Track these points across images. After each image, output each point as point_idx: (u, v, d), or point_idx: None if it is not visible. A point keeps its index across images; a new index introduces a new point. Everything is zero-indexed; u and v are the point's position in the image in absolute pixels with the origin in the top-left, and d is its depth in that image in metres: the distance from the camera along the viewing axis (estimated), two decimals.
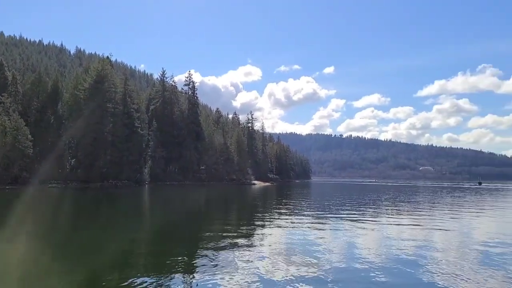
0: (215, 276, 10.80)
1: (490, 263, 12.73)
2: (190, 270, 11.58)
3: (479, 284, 10.26)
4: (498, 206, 41.29)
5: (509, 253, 14.56)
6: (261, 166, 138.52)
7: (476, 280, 10.62)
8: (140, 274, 10.92)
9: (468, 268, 12.05)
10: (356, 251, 14.49)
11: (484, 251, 14.80)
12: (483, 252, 14.61)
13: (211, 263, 12.27)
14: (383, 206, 38.25)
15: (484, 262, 12.89)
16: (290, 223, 23.05)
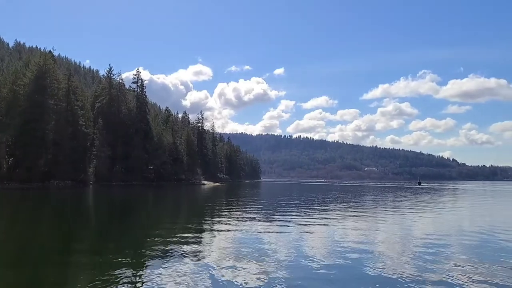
0: (160, 278, 10.46)
1: (428, 258, 13.27)
2: (133, 275, 11.15)
3: (417, 277, 10.64)
4: (436, 205, 43.52)
5: (445, 249, 15.26)
6: (211, 166, 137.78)
7: (414, 274, 11.02)
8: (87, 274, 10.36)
9: (408, 263, 12.48)
10: (303, 250, 14.62)
11: (423, 247, 15.42)
12: (422, 248, 15.22)
13: (157, 266, 11.89)
14: (331, 205, 39.15)
15: (422, 257, 13.41)
16: (238, 223, 22.94)
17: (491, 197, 68.06)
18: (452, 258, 13.62)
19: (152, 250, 14.52)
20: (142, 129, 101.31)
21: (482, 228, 22.19)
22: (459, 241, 17.58)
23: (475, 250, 15.36)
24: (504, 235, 19.43)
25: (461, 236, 19.32)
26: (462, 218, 29.85)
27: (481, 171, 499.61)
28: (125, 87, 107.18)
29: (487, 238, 18.35)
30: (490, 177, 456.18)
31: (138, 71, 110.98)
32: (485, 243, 17.09)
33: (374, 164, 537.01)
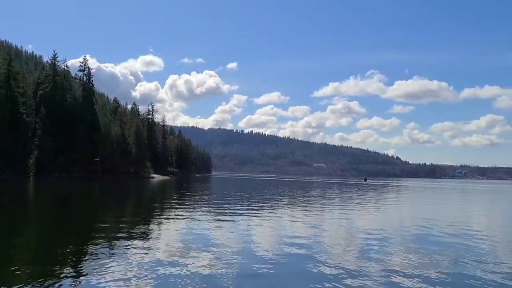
0: (107, 271, 9.98)
1: (370, 251, 13.65)
2: (78, 266, 10.57)
3: (359, 270, 10.87)
4: (380, 201, 45.19)
5: (388, 243, 15.76)
6: (161, 159, 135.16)
7: (356, 268, 11.26)
8: (26, 270, 9.64)
9: (351, 258, 12.76)
10: (251, 244, 14.58)
11: (366, 241, 15.87)
12: (365, 241, 15.66)
13: (103, 259, 11.36)
14: (280, 200, 39.56)
15: (365, 251, 13.77)
16: (188, 217, 22.59)
17: (430, 194, 71.68)
18: (393, 251, 14.09)
19: (97, 244, 13.90)
20: (89, 119, 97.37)
21: (421, 223, 23.19)
22: (400, 235, 18.25)
23: (414, 243, 16.00)
24: (440, 228, 20.41)
25: (402, 230, 20.09)
26: (404, 214, 31.16)
27: (422, 168, 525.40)
28: (71, 75, 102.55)
29: (426, 232, 19.17)
30: (430, 174, 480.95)
31: (85, 59, 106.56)
32: (423, 236, 17.85)
33: (323, 160, 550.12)
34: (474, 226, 22.67)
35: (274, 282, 9.96)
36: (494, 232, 20.55)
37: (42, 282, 9.15)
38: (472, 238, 17.42)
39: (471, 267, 11.76)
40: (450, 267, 11.82)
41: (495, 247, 15.83)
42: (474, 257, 13.30)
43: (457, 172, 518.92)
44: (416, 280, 10.20)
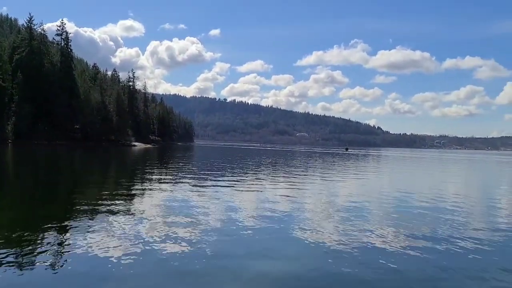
0: (89, 239, 9.95)
1: (351, 218, 13.95)
2: (61, 234, 10.52)
3: (338, 236, 11.13)
4: (360, 170, 45.95)
5: (367, 211, 16.14)
6: (143, 127, 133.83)
7: (337, 233, 11.53)
8: (2, 240, 9.55)
9: (332, 223, 13.03)
10: (233, 212, 14.70)
11: (346, 209, 16.20)
12: (346, 209, 15.97)
13: (85, 226, 11.33)
14: (263, 169, 39.84)
15: (344, 218, 14.07)
16: (170, 186, 22.59)
17: (409, 163, 73.17)
18: (372, 218, 14.45)
19: (78, 213, 13.81)
20: (67, 86, 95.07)
21: (399, 191, 23.76)
22: (379, 203, 18.65)
23: (392, 209, 16.40)
24: (418, 196, 20.96)
25: (381, 198, 20.53)
26: (383, 182, 31.82)
27: (403, 138, 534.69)
28: (48, 40, 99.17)
29: (404, 199, 19.64)
30: (410, 144, 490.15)
31: (63, 23, 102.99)
32: (401, 203, 18.28)
33: (305, 130, 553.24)
34: (450, 194, 23.32)
35: (255, 246, 10.11)
36: (468, 200, 21.20)
37: (20, 253, 9.01)
38: (448, 205, 17.92)
39: (446, 232, 12.14)
40: (427, 233, 12.17)
41: (470, 213, 16.35)
42: (449, 222, 13.74)
43: (436, 142, 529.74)
44: (392, 243, 10.51)
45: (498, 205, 19.67)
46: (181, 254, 9.24)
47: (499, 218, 15.51)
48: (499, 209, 18.16)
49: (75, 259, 8.58)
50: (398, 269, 8.63)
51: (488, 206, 18.91)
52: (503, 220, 14.96)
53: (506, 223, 14.35)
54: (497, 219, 15.14)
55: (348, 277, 8.15)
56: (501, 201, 21.48)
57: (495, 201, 21.38)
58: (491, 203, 20.20)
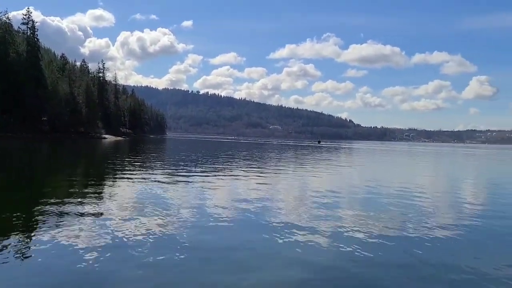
0: (58, 235, 9.65)
1: (323, 209, 14.15)
2: (28, 229, 10.19)
3: (309, 225, 11.27)
4: (332, 162, 46.59)
5: (338, 202, 16.39)
6: (113, 120, 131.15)
7: (307, 223, 11.67)
8: None
9: (303, 215, 13.17)
10: (205, 204, 14.67)
11: (317, 200, 16.39)
12: (317, 201, 16.17)
13: (54, 221, 11.02)
14: (236, 162, 39.81)
15: (316, 209, 14.26)
16: (141, 178, 22.24)
17: (380, 156, 74.70)
18: (343, 209, 14.72)
19: (46, 207, 13.34)
20: (34, 76, 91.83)
21: (370, 183, 24.22)
22: (350, 194, 19.01)
23: (362, 200, 16.80)
24: (387, 187, 21.49)
25: (352, 189, 20.93)
26: (354, 174, 32.35)
27: (373, 131, 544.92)
28: (13, 29, 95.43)
29: (374, 191, 20.07)
30: (380, 137, 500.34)
31: (29, 11, 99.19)
32: (372, 194, 18.69)
33: (278, 122, 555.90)
34: (418, 185, 23.95)
35: (226, 239, 10.11)
36: (435, 191, 21.87)
37: None
38: (416, 196, 18.41)
39: (414, 221, 12.49)
40: (396, 223, 12.48)
41: (436, 203, 16.90)
42: (417, 212, 14.16)
43: (406, 135, 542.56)
44: (361, 234, 10.73)
45: (465, 194, 20.38)
46: (154, 246, 9.13)
47: (467, 207, 16.08)
48: (466, 198, 18.83)
49: (42, 254, 8.36)
50: (370, 257, 8.81)
51: (456, 196, 19.60)
52: (470, 209, 15.51)
53: (474, 212, 14.87)
54: (465, 209, 15.69)
55: (319, 265, 8.28)
56: (468, 191, 22.26)
57: (462, 191, 22.13)
58: (458, 193, 20.91)
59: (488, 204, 17.77)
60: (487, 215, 14.43)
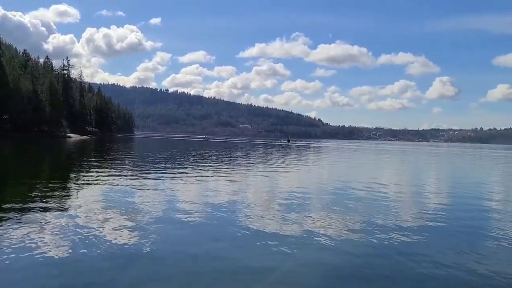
0: (20, 240, 9.22)
1: (292, 206, 14.22)
2: None
3: (279, 226, 11.29)
4: (302, 161, 47.00)
5: (307, 201, 16.51)
6: (79, 118, 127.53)
7: (278, 219, 11.69)
8: None
9: (272, 216, 13.19)
10: (174, 206, 14.46)
11: (287, 198, 16.49)
12: (287, 199, 16.26)
13: (14, 227, 10.48)
14: (206, 161, 39.52)
15: (285, 209, 14.31)
16: (108, 180, 21.69)
17: (348, 154, 75.93)
18: (312, 208, 14.85)
19: (7, 211, 12.78)
20: None
21: (338, 181, 24.58)
22: (319, 193, 19.21)
23: (331, 199, 16.96)
24: (355, 185, 21.82)
25: (321, 188, 21.16)
26: (323, 173, 32.72)
27: (342, 130, 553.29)
28: None
29: (342, 189, 20.35)
30: (348, 136, 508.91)
31: None
32: (340, 193, 18.94)
33: (248, 121, 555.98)
34: (384, 183, 24.45)
35: (195, 242, 9.98)
36: (401, 188, 22.39)
37: None
38: (383, 194, 18.80)
39: (380, 219, 12.72)
40: (363, 220, 12.67)
41: (402, 201, 17.33)
42: (383, 210, 14.43)
43: (372, 134, 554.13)
44: (330, 232, 10.83)
45: (429, 191, 20.96)
46: (122, 245, 8.91)
47: (431, 203, 16.54)
48: (430, 194, 19.37)
49: (3, 254, 7.98)
50: (337, 253, 8.91)
51: (420, 192, 20.14)
52: (435, 204, 15.95)
53: (438, 207, 15.29)
54: (430, 204, 16.13)
55: (289, 261, 8.30)
56: (432, 187, 22.92)
57: (426, 187, 22.75)
58: (423, 189, 21.49)
59: (454, 198, 18.33)
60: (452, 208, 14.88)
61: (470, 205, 16.39)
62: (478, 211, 15.03)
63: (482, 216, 14.29)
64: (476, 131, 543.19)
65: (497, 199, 19.27)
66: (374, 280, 7.55)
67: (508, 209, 16.08)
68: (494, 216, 14.19)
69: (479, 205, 16.41)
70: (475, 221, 13.26)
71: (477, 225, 12.63)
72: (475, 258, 8.95)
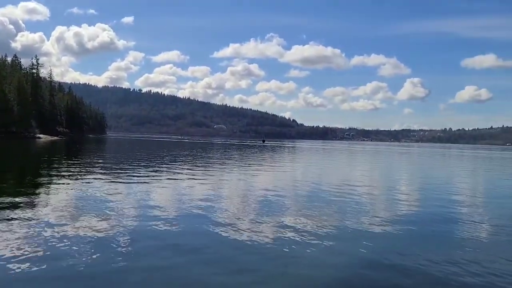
0: None
1: (266, 208, 14.27)
2: None
3: (253, 227, 11.32)
4: (276, 161, 47.20)
5: (282, 201, 16.60)
6: (49, 119, 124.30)
7: (254, 221, 11.71)
8: None
9: (249, 214, 13.21)
10: (148, 207, 14.25)
11: (262, 198, 16.56)
12: (262, 199, 16.32)
13: None
14: (180, 162, 39.18)
15: (261, 207, 14.36)
16: (79, 181, 21.25)
17: (322, 154, 76.76)
18: (286, 208, 14.94)
19: None
20: None
21: (313, 181, 24.82)
22: (293, 193, 19.33)
23: (305, 199, 17.11)
24: (329, 185, 22.07)
25: (295, 188, 21.30)
26: (298, 173, 32.96)
27: (316, 131, 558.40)
28: None
29: (316, 189, 20.56)
30: (322, 136, 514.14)
31: None
32: (314, 193, 19.14)
33: (223, 122, 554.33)
34: (357, 183, 24.84)
35: (170, 243, 9.88)
36: (374, 188, 22.80)
37: None
38: (356, 194, 19.09)
39: (353, 218, 12.92)
40: (336, 219, 12.84)
41: (375, 200, 17.64)
42: (356, 209, 14.66)
43: (346, 134, 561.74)
44: (304, 232, 10.93)
45: (400, 190, 21.43)
46: (90, 253, 8.71)
47: (401, 201, 16.90)
48: (400, 193, 19.79)
49: None
50: (309, 255, 8.99)
51: (392, 191, 20.54)
52: (404, 204, 16.31)
53: (410, 205, 15.64)
54: (399, 203, 16.47)
55: (262, 266, 8.34)
56: (402, 187, 23.43)
57: (397, 186, 23.24)
58: (395, 188, 21.93)
59: (424, 197, 18.78)
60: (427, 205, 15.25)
61: (438, 203, 16.83)
62: (445, 210, 15.44)
63: (449, 214, 14.69)
64: (446, 131, 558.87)
65: (463, 198, 19.84)
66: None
67: (476, 206, 16.61)
68: (459, 212, 14.63)
69: (447, 204, 16.87)
70: (442, 222, 13.63)
71: (444, 225, 12.98)
72: (445, 257, 9.19)
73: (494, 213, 15.20)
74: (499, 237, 11.37)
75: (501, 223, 13.12)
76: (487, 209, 16.58)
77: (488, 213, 15.42)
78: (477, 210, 16.01)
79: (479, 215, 14.83)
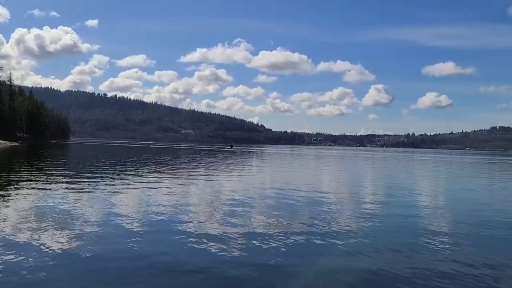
0: None
1: (234, 214, 14.22)
2: None
3: (222, 234, 11.23)
4: (244, 166, 47.21)
5: (250, 207, 16.59)
6: (8, 124, 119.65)
7: (219, 231, 11.62)
8: None
9: (215, 223, 13.11)
10: (113, 215, 13.89)
11: (231, 205, 16.49)
12: (229, 208, 16.22)
13: None
14: (146, 168, 38.53)
15: (228, 216, 14.29)
16: (41, 189, 20.44)
17: (289, 159, 77.43)
18: (254, 214, 14.94)
19: None
20: None
21: (280, 186, 24.92)
22: (261, 199, 19.33)
23: (273, 205, 17.13)
24: (296, 190, 22.23)
25: (263, 194, 21.32)
26: (266, 179, 33.07)
27: (284, 136, 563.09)
28: None
29: (284, 194, 20.64)
30: (290, 141, 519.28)
31: None
32: (282, 198, 19.20)
33: (191, 127, 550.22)
34: (325, 186, 25.20)
35: (136, 252, 9.66)
36: (340, 192, 23.14)
37: None
38: (324, 197, 19.32)
39: (321, 222, 13.05)
40: (304, 223, 12.93)
41: (341, 204, 17.88)
42: (325, 212, 14.83)
43: (313, 139, 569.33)
44: (273, 238, 10.96)
45: (365, 192, 21.85)
46: (49, 265, 8.38)
47: (369, 203, 17.20)
48: (366, 195, 20.18)
49: None
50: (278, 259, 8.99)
51: (359, 194, 20.91)
52: (373, 205, 16.62)
53: (376, 207, 15.96)
54: (364, 205, 16.76)
55: (232, 270, 8.26)
56: (368, 190, 23.91)
57: (363, 188, 23.69)
58: (359, 191, 22.35)
59: (388, 199, 19.20)
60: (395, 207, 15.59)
61: (402, 205, 17.27)
62: (410, 210, 15.85)
63: (413, 214, 15.07)
64: (409, 136, 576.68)
65: (426, 198, 20.44)
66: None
67: (438, 207, 17.13)
68: (424, 212, 15.05)
69: (411, 205, 17.32)
70: (407, 221, 13.97)
71: (409, 224, 13.31)
72: (411, 255, 9.40)
73: (454, 218, 15.72)
74: (460, 240, 11.75)
75: (460, 226, 13.58)
76: (446, 214, 17.11)
77: (448, 218, 15.93)
78: (436, 215, 16.49)
79: (438, 219, 15.29)
